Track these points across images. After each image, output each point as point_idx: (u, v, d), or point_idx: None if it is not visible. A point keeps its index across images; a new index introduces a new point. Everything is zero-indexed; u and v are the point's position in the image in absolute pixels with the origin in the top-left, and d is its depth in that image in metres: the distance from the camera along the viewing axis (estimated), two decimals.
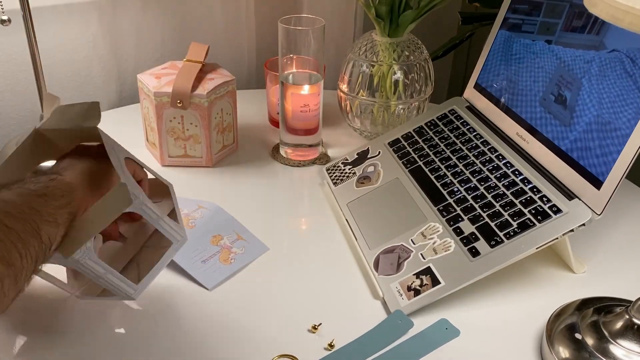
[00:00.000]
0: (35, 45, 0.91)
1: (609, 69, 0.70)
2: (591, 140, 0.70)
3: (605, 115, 0.69)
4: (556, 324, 0.64)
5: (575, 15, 0.77)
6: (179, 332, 0.66)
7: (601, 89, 0.70)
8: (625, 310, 0.60)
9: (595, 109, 0.70)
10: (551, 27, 0.80)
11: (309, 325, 0.66)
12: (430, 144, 0.88)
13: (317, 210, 0.86)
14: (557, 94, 0.76)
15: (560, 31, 0.78)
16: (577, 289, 0.71)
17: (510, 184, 0.75)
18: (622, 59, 0.68)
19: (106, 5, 1.08)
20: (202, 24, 1.18)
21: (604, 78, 0.70)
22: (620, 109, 0.67)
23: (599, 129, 0.69)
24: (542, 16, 0.83)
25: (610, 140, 0.68)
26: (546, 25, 0.82)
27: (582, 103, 0.72)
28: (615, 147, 0.67)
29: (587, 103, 0.72)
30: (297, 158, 0.97)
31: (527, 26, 0.85)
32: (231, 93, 0.94)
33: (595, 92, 0.71)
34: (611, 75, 0.70)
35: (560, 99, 0.76)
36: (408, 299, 0.68)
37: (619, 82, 0.69)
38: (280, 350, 0.63)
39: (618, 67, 0.69)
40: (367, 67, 0.96)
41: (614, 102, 0.68)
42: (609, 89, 0.70)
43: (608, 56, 0.71)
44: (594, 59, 0.72)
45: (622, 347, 0.58)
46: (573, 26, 0.77)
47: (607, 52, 0.71)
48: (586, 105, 0.72)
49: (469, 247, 0.70)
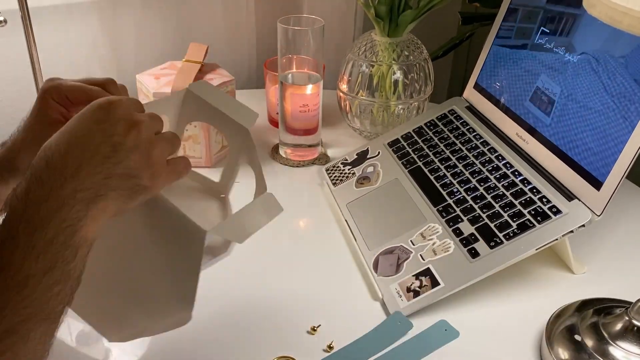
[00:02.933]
0: (33, 45, 0.91)
1: (581, 71, 0.72)
2: (591, 140, 0.70)
3: (591, 114, 0.69)
4: (556, 325, 0.63)
5: (548, 20, 0.80)
6: (178, 332, 0.66)
7: (579, 88, 0.72)
8: (625, 312, 0.60)
9: (581, 107, 0.71)
10: (527, 32, 0.83)
11: (308, 327, 0.66)
12: (430, 144, 0.88)
13: (317, 211, 0.86)
14: (544, 95, 0.76)
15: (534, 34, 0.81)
16: (576, 290, 0.71)
17: (509, 184, 0.75)
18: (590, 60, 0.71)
19: (106, 5, 1.08)
20: (202, 24, 1.18)
21: (579, 78, 0.72)
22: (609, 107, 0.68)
23: (595, 128, 0.69)
24: (519, 22, 0.86)
25: (609, 140, 0.68)
26: (522, 30, 0.84)
27: (567, 103, 0.73)
28: (615, 148, 0.67)
29: (573, 103, 0.72)
30: (297, 158, 0.96)
31: (504, 31, 0.88)
32: (230, 93, 0.94)
33: (576, 92, 0.72)
34: (583, 75, 0.72)
35: (547, 100, 0.76)
36: (407, 300, 0.68)
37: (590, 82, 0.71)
38: (279, 351, 0.63)
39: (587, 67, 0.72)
40: (367, 67, 0.96)
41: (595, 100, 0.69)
42: (585, 88, 0.72)
43: (579, 58, 0.73)
44: (569, 61, 0.74)
45: (622, 348, 0.58)
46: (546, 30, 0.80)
47: (578, 55, 0.73)
48: (573, 105, 0.72)
49: (468, 248, 0.70)
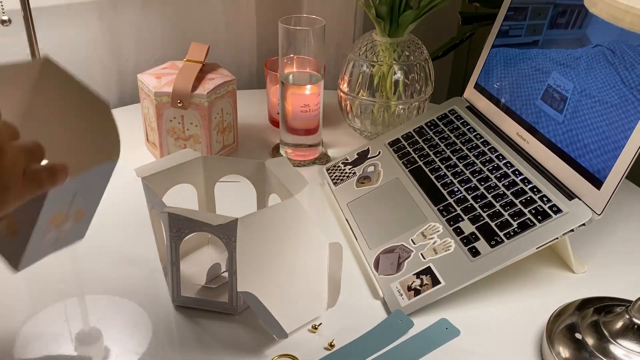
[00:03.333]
0: (35, 45, 0.91)
1: (595, 64, 0.71)
2: (591, 140, 0.70)
3: (599, 110, 0.69)
4: (556, 323, 0.64)
5: (559, 14, 0.79)
6: (178, 332, 0.66)
7: (592, 84, 0.71)
8: (626, 310, 0.60)
9: (590, 105, 0.71)
10: (537, 28, 0.82)
11: (309, 325, 0.66)
12: (431, 144, 0.88)
13: (317, 210, 0.86)
14: (552, 95, 0.76)
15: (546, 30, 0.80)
16: (577, 288, 0.72)
17: (510, 183, 0.75)
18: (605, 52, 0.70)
19: (106, 6, 1.08)
20: (202, 23, 1.18)
21: (592, 73, 0.71)
22: (614, 104, 0.68)
23: (597, 127, 0.70)
24: (529, 19, 0.85)
25: (610, 139, 0.68)
26: (533, 27, 0.83)
27: (577, 101, 0.73)
28: (615, 147, 0.67)
29: (582, 100, 0.72)
30: (297, 158, 0.97)
31: (515, 30, 0.87)
32: (231, 93, 0.94)
33: (587, 88, 0.71)
34: (597, 69, 0.71)
35: (556, 99, 0.76)
36: (408, 298, 0.68)
37: (605, 75, 0.70)
38: (280, 350, 0.64)
39: (602, 60, 0.70)
40: (367, 67, 0.96)
41: (606, 96, 0.69)
42: (598, 83, 0.71)
43: (593, 51, 0.72)
44: (581, 55, 0.73)
45: (622, 347, 0.58)
46: (558, 23, 0.78)
47: (592, 47, 0.72)
48: (581, 103, 0.72)
49: (469, 247, 0.70)
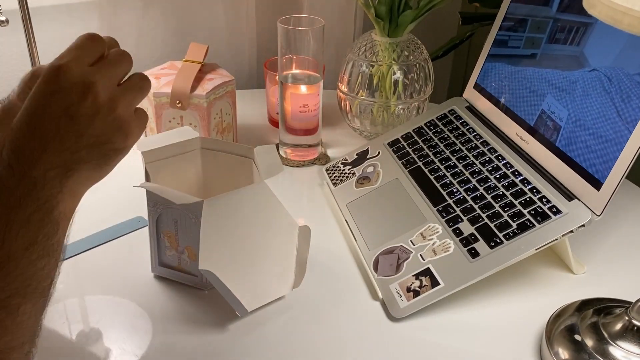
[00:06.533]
0: (34, 45, 0.91)
1: (591, 90, 0.72)
2: (591, 140, 0.70)
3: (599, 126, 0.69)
4: (556, 325, 0.63)
5: (558, 29, 0.79)
6: (179, 331, 0.66)
7: (587, 114, 0.72)
8: (625, 312, 0.60)
9: (584, 137, 0.71)
10: (536, 42, 0.82)
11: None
12: (430, 144, 0.88)
13: (317, 211, 0.86)
14: (546, 123, 0.76)
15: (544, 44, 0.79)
16: (576, 290, 0.71)
17: (509, 184, 0.75)
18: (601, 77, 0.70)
19: (106, 5, 1.08)
20: (202, 24, 1.18)
21: (587, 99, 0.72)
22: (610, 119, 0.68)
23: (595, 134, 0.69)
24: (527, 32, 0.84)
25: (609, 140, 0.68)
26: (531, 40, 0.83)
27: (571, 132, 0.73)
28: (615, 148, 0.67)
29: (576, 132, 0.72)
30: (297, 158, 0.97)
31: (514, 41, 0.87)
32: (230, 93, 0.94)
33: (582, 118, 0.71)
34: (593, 96, 0.71)
35: (549, 127, 0.75)
36: (407, 300, 0.68)
37: (601, 104, 0.70)
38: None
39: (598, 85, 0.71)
40: (367, 67, 0.96)
41: (601, 129, 0.70)
42: (594, 113, 0.71)
43: (589, 76, 0.72)
44: (577, 80, 0.74)
45: (622, 348, 0.58)
46: (557, 39, 0.78)
47: (589, 71, 0.72)
48: (575, 134, 0.72)
49: (468, 248, 0.70)
